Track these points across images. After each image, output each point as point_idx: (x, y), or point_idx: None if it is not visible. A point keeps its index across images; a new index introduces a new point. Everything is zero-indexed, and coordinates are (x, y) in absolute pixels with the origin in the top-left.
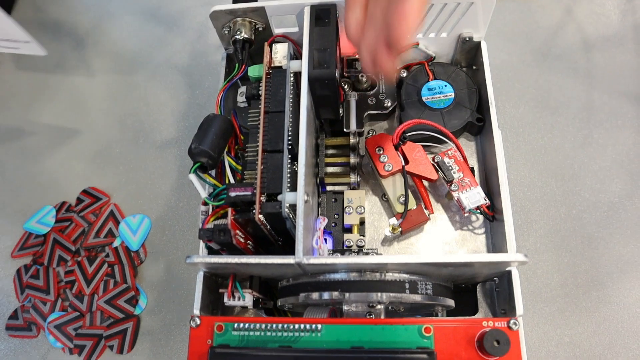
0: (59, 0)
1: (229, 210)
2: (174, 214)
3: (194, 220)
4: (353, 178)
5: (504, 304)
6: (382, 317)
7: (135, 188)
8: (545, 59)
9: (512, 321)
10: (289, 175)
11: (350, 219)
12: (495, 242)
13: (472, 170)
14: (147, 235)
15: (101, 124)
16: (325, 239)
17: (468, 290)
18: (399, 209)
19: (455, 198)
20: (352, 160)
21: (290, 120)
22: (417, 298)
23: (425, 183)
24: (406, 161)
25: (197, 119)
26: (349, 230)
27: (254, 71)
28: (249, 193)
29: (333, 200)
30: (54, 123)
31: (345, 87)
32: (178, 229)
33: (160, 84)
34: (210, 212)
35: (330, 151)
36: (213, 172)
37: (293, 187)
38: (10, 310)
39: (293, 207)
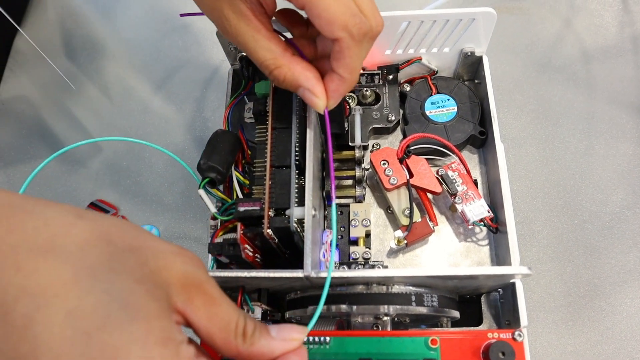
0: (67, 13)
1: (238, 224)
2: (181, 227)
3: (200, 233)
4: (358, 191)
5: (508, 315)
6: (389, 328)
7: (143, 201)
8: (545, 70)
9: (517, 333)
10: (296, 190)
11: (356, 232)
12: (499, 254)
13: (475, 182)
14: None
15: (107, 136)
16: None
17: (473, 301)
18: (404, 221)
19: (459, 211)
20: (358, 173)
21: (297, 135)
22: (423, 310)
23: (430, 196)
24: (411, 174)
25: (203, 132)
26: (355, 242)
27: (260, 88)
28: (258, 208)
29: (339, 213)
30: (61, 136)
31: (350, 101)
32: (185, 242)
33: (165, 96)
34: (219, 227)
35: (336, 165)
36: (221, 187)
37: (301, 202)
38: None
39: (301, 221)
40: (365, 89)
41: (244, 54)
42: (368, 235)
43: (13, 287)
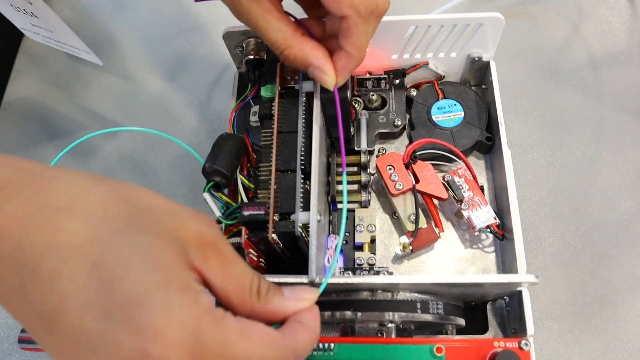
0: (69, 16)
1: (243, 229)
2: None
3: None
4: (364, 196)
5: (514, 323)
6: (393, 335)
7: None
8: (552, 76)
9: (523, 342)
10: (302, 194)
11: (361, 237)
12: (505, 261)
13: (481, 188)
14: None
15: (112, 140)
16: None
17: (478, 309)
18: (410, 227)
19: (466, 217)
20: (363, 178)
21: (303, 139)
22: (428, 317)
23: (436, 202)
24: (417, 180)
25: (208, 135)
26: (360, 248)
27: (266, 91)
28: (262, 212)
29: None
30: (64, 140)
31: (356, 106)
32: None
33: (170, 99)
34: (223, 230)
35: (341, 169)
36: (226, 191)
37: (306, 207)
38: None
39: (305, 226)
40: (371, 93)
41: (250, 57)
42: (373, 240)
43: (39, 244)
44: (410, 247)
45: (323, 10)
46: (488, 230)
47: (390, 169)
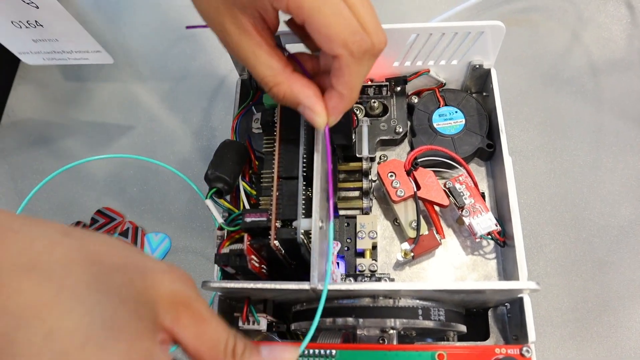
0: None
1: (245, 235)
2: (187, 236)
3: (206, 243)
4: (365, 203)
5: (515, 330)
6: (395, 341)
7: (148, 209)
8: (553, 83)
9: (524, 348)
10: (303, 201)
11: (363, 244)
12: (506, 267)
13: (482, 195)
14: (164, 256)
15: (114, 145)
16: (338, 263)
17: (479, 315)
18: (411, 234)
19: (467, 224)
20: (364, 185)
21: (305, 146)
22: (430, 324)
23: (437, 208)
24: (418, 187)
25: (210, 142)
26: (361, 254)
27: (268, 98)
28: (265, 219)
29: (346, 224)
30: (67, 145)
31: (358, 113)
32: (191, 251)
33: (172, 106)
34: (225, 237)
35: (343, 176)
36: (228, 197)
37: (307, 213)
38: None
39: (307, 233)
40: (372, 100)
41: None
42: (374, 247)
43: None
44: (412, 254)
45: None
46: (489, 237)
47: (391, 175)
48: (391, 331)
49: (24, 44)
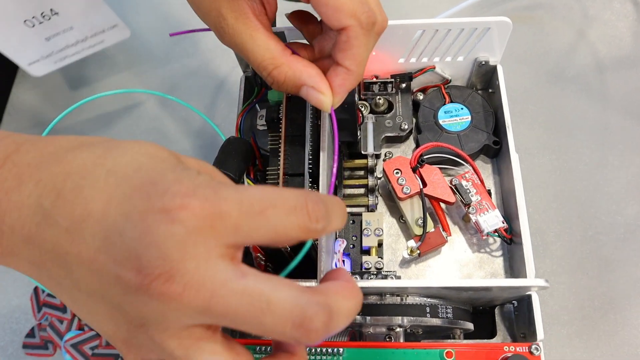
0: None
1: None
2: None
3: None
4: (371, 200)
5: (523, 328)
6: (401, 339)
7: None
8: (558, 80)
9: (533, 346)
10: None
11: (369, 241)
12: (513, 265)
13: (489, 192)
14: None
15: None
16: (344, 261)
17: (486, 313)
18: (417, 231)
19: (473, 221)
20: (370, 182)
21: (310, 143)
22: (437, 322)
23: (443, 205)
24: (424, 184)
25: (213, 139)
26: (367, 252)
27: (273, 95)
28: None
29: (351, 222)
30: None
31: (363, 109)
32: None
33: (175, 103)
34: None
35: (348, 173)
36: None
37: None
38: (27, 328)
39: None
40: (378, 97)
41: None
42: (380, 244)
43: (59, 174)
44: (418, 251)
45: (317, 28)
46: (496, 234)
47: (397, 172)
48: (398, 329)
49: (34, 49)
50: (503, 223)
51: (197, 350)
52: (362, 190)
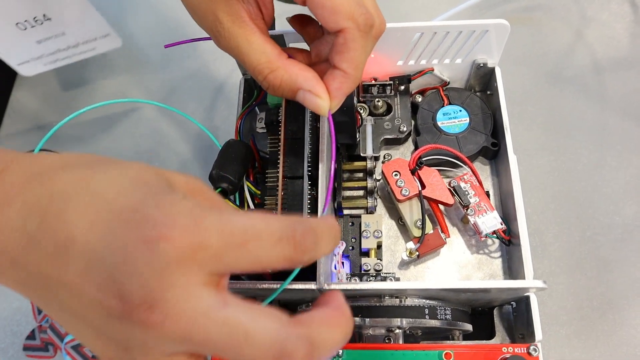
0: None
1: None
2: None
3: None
4: (370, 202)
5: (521, 329)
6: (400, 340)
7: None
8: (556, 81)
9: (532, 347)
10: (309, 201)
11: (368, 243)
12: (512, 266)
13: (487, 194)
14: None
15: (116, 147)
16: (343, 263)
17: (485, 314)
18: (416, 233)
19: (472, 222)
20: (369, 184)
21: (310, 146)
22: (436, 323)
23: (442, 207)
24: (423, 186)
25: (212, 142)
26: (366, 254)
27: (273, 98)
28: None
29: (350, 224)
30: (69, 147)
31: (362, 112)
32: None
33: (174, 106)
34: None
35: (347, 175)
36: (232, 197)
37: (313, 213)
38: (27, 330)
39: None
40: (377, 99)
41: None
42: (379, 246)
43: (43, 196)
44: (417, 253)
45: (318, 32)
46: (494, 235)
47: (396, 174)
48: (397, 330)
49: (25, 50)
50: (501, 224)
51: None
52: (361, 192)
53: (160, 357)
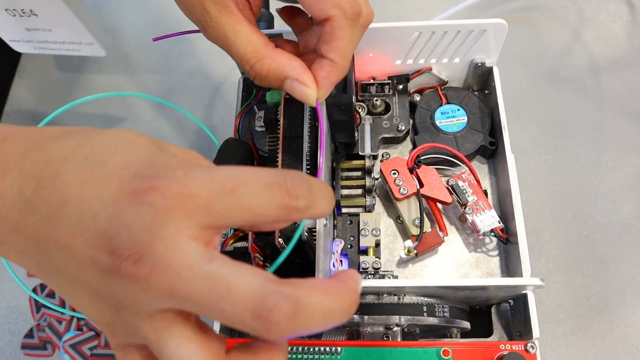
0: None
1: (249, 233)
2: None
3: None
4: (368, 200)
5: (519, 326)
6: (399, 338)
7: None
8: (554, 81)
9: (529, 344)
10: None
11: (366, 241)
12: (509, 264)
13: (485, 193)
14: None
15: None
16: (342, 261)
17: (483, 312)
18: (414, 231)
19: (470, 221)
20: (367, 183)
21: (309, 144)
22: (434, 321)
23: (440, 206)
24: (421, 184)
25: (211, 140)
26: (364, 252)
27: (272, 96)
28: None
29: (349, 222)
30: None
31: (360, 111)
32: None
33: (173, 104)
34: (229, 235)
35: (346, 174)
36: None
37: None
38: (26, 328)
39: (311, 230)
40: (375, 98)
41: None
42: (378, 244)
43: (39, 162)
44: (415, 251)
45: (308, 24)
46: (492, 234)
47: (394, 173)
48: (395, 328)
49: (16, 32)
50: (499, 223)
51: (167, 334)
52: (359, 191)
53: (150, 314)
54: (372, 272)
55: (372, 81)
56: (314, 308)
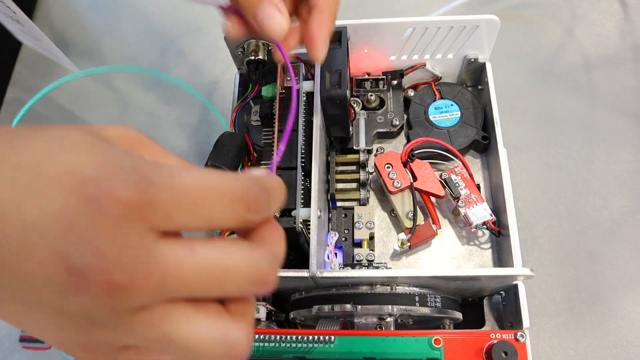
0: (70, 19)
1: None
2: None
3: (206, 233)
4: (362, 194)
5: (510, 317)
6: (392, 329)
7: None
8: (547, 78)
9: (519, 333)
10: (302, 191)
11: (360, 234)
12: (501, 257)
13: (478, 186)
14: None
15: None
16: (336, 254)
17: (475, 304)
18: (408, 224)
19: (462, 214)
20: (362, 176)
21: (303, 138)
22: (426, 311)
23: (433, 199)
24: (414, 178)
25: (208, 136)
26: (358, 244)
27: (267, 91)
28: None
29: (343, 215)
30: None
31: (355, 106)
32: None
33: (171, 100)
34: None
35: (340, 168)
36: None
37: (306, 203)
38: None
39: (305, 223)
40: (370, 93)
41: (251, 58)
42: (372, 237)
43: None
44: (408, 244)
45: None
46: (484, 226)
47: (388, 167)
48: (388, 318)
49: (14, 29)
50: (491, 216)
51: (170, 323)
52: (354, 185)
53: (137, 316)
54: (366, 265)
55: (366, 77)
56: (281, 252)
